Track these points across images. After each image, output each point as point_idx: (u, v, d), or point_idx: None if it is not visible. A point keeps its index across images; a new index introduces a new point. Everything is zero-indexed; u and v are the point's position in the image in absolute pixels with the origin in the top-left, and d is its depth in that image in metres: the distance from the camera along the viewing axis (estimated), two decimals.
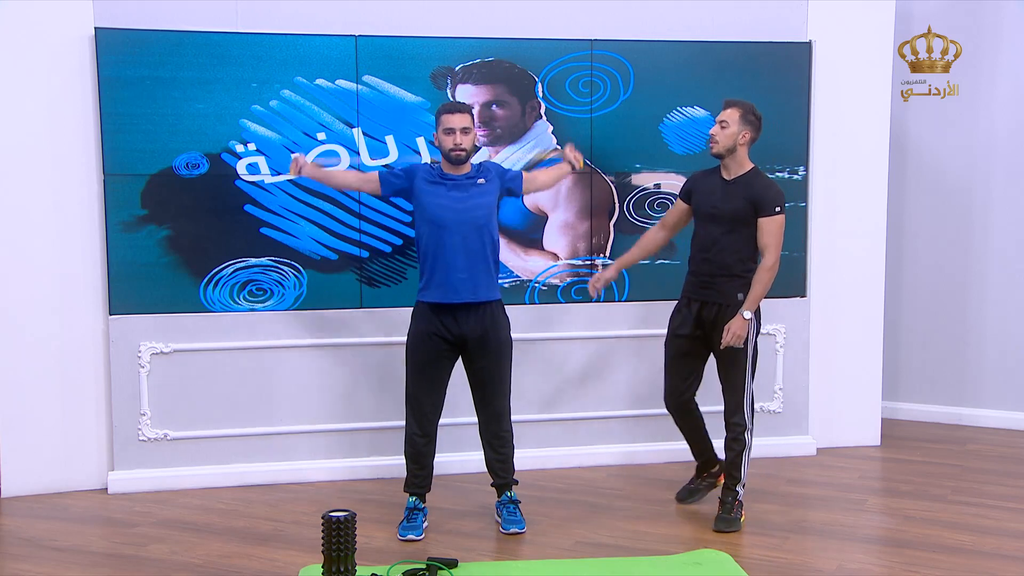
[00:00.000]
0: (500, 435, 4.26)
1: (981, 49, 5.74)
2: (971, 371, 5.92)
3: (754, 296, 4.11)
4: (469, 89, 4.87)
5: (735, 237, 4.14)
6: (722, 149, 4.14)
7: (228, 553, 4.01)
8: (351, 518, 3.12)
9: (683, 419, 4.42)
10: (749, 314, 4.11)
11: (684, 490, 4.53)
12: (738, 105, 4.15)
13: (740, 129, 4.11)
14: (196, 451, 4.80)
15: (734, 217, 4.13)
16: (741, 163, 4.17)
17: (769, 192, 4.12)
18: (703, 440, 4.45)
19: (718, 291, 4.18)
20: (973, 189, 5.83)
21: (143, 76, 4.57)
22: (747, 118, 4.12)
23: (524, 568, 3.85)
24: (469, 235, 4.09)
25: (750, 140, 4.15)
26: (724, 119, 4.13)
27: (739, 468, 4.23)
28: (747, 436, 4.22)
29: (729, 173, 4.18)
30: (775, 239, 4.11)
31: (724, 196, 4.16)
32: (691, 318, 4.26)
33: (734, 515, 4.23)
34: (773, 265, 4.10)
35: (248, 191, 4.74)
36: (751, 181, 4.14)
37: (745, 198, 4.11)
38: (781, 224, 4.12)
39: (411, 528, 4.15)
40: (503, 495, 4.30)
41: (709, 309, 4.21)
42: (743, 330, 4.10)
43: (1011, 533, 4.23)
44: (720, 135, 4.13)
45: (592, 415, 5.14)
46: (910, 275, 5.98)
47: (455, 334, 4.14)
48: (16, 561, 3.95)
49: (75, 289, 4.65)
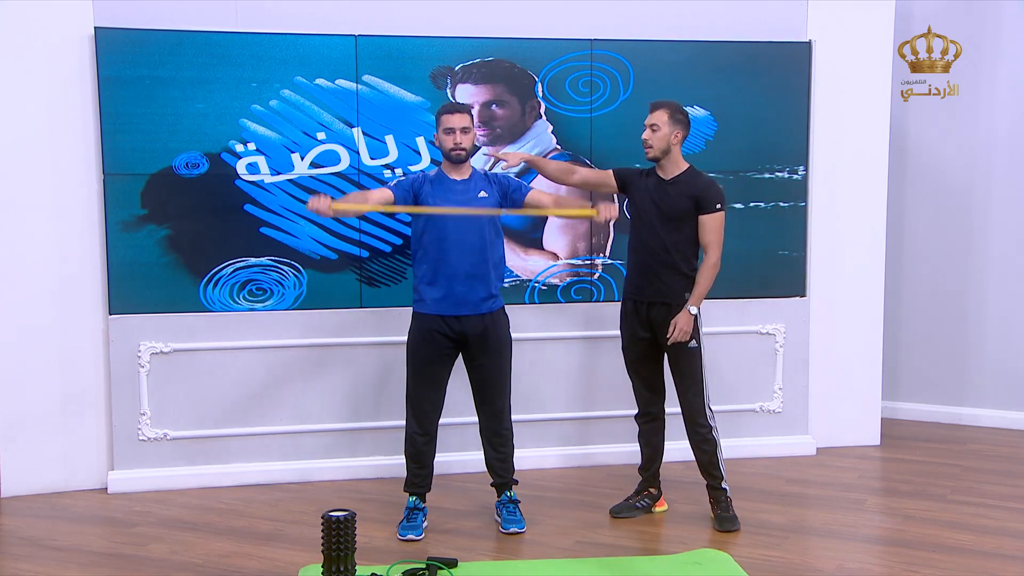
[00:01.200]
0: (500, 434, 4.27)
1: (981, 49, 5.74)
2: (971, 371, 5.92)
3: (699, 292, 4.16)
4: (469, 89, 4.87)
5: (678, 236, 4.18)
6: (658, 152, 4.17)
7: (228, 553, 4.01)
8: (351, 518, 3.12)
9: (650, 429, 4.42)
10: (695, 309, 4.16)
11: (623, 504, 4.46)
12: (664, 106, 4.17)
13: (671, 130, 4.14)
14: (196, 451, 4.80)
15: (677, 216, 4.16)
16: (677, 162, 4.20)
17: (710, 190, 4.16)
18: (658, 458, 4.45)
19: (665, 290, 4.20)
20: (973, 189, 5.84)
21: (143, 76, 4.57)
22: (676, 117, 4.15)
23: (524, 568, 3.85)
24: (472, 240, 4.09)
25: (682, 138, 4.19)
26: (654, 122, 4.16)
27: (717, 467, 4.26)
28: (715, 435, 4.26)
29: (666, 173, 4.20)
30: (717, 235, 4.16)
31: (665, 195, 4.18)
32: (641, 321, 4.28)
33: (732, 512, 4.26)
34: (716, 261, 4.16)
35: (248, 191, 4.74)
36: (692, 180, 4.18)
37: (687, 196, 4.15)
38: (722, 220, 4.18)
39: (411, 528, 4.15)
40: (503, 495, 4.30)
41: (658, 309, 4.23)
42: (689, 325, 4.14)
43: (1011, 533, 4.23)
44: (653, 139, 4.16)
45: (592, 415, 5.15)
46: (910, 275, 5.98)
47: (456, 332, 4.14)
48: (16, 561, 3.95)
49: (75, 289, 4.65)
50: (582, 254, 5.06)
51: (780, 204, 5.17)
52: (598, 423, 5.15)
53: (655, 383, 4.40)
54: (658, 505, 4.48)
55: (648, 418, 4.43)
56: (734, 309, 5.16)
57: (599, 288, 5.07)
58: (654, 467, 4.46)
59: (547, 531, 4.23)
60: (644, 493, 4.47)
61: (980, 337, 5.88)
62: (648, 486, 4.47)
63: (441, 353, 4.18)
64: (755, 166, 5.13)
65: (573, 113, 4.96)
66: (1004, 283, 5.82)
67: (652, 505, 4.47)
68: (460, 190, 4.13)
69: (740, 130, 5.08)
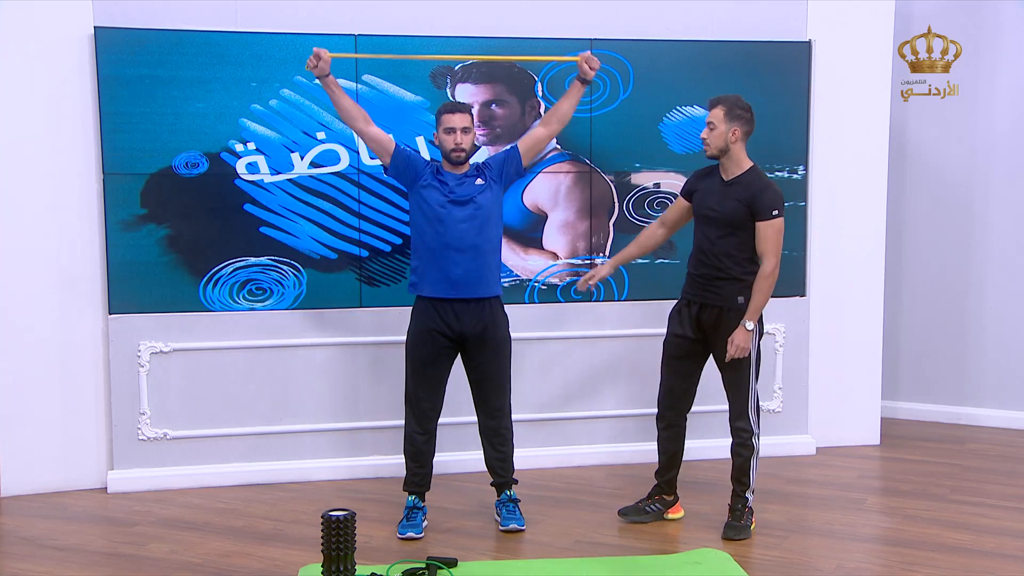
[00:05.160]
0: (500, 433, 4.27)
1: (981, 49, 5.74)
2: (971, 371, 5.92)
3: (755, 306, 4.00)
4: (469, 88, 4.87)
5: (731, 240, 4.03)
6: (714, 151, 4.02)
7: (228, 552, 4.01)
8: (351, 517, 3.12)
9: (669, 436, 4.31)
10: (752, 324, 4.01)
11: (632, 507, 4.35)
12: (722, 102, 4.01)
13: (729, 127, 3.97)
14: (196, 450, 4.80)
15: (730, 221, 4.01)
16: (738, 162, 4.04)
17: (766, 195, 3.97)
18: (676, 465, 4.34)
19: (717, 294, 4.08)
20: (973, 189, 5.84)
21: (142, 75, 4.57)
22: (734, 113, 3.98)
23: (524, 567, 3.85)
24: (469, 230, 4.09)
25: (743, 135, 4.01)
26: (710, 120, 4.01)
27: (748, 474, 4.15)
28: (755, 441, 4.14)
29: (727, 173, 4.06)
30: (773, 244, 3.98)
31: (720, 198, 4.05)
32: (690, 320, 4.17)
33: (744, 522, 4.16)
34: (772, 271, 3.98)
35: (247, 190, 4.74)
36: (749, 183, 4.01)
37: (741, 201, 3.99)
38: (779, 228, 3.99)
39: (411, 527, 4.15)
40: (503, 494, 4.30)
41: (709, 312, 4.11)
42: (747, 342, 4.01)
43: (1011, 532, 4.23)
44: (710, 137, 4.02)
45: (592, 415, 5.14)
46: (910, 275, 5.98)
47: (455, 331, 4.14)
48: (16, 560, 3.95)
49: (75, 288, 4.65)
50: (582, 254, 5.06)
51: None
52: (598, 423, 5.15)
53: (685, 387, 4.24)
54: (672, 511, 4.37)
55: (667, 424, 4.29)
56: None
57: (599, 288, 5.06)
58: (669, 474, 4.34)
59: (547, 531, 4.23)
60: (656, 498, 4.36)
61: (980, 337, 5.88)
62: (661, 492, 4.36)
63: (440, 352, 4.18)
64: None
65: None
66: (1004, 283, 5.82)
67: (664, 511, 4.35)
68: (457, 184, 4.14)
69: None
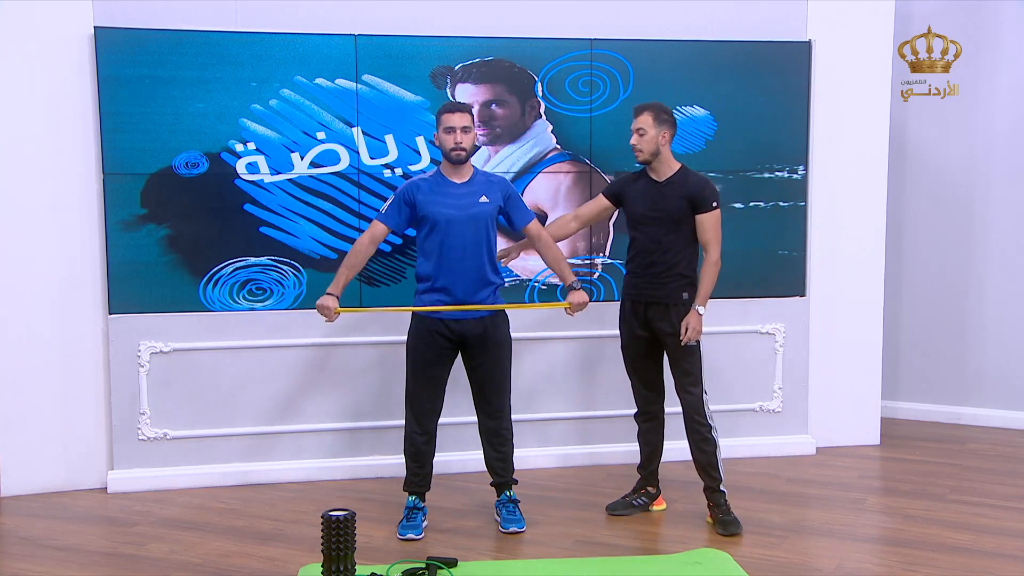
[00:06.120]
0: (500, 433, 4.27)
1: (981, 49, 5.74)
2: (971, 371, 5.92)
3: (704, 292, 4.19)
4: (469, 88, 4.87)
5: (676, 236, 4.20)
6: (647, 155, 4.18)
7: (228, 552, 4.01)
8: (351, 517, 3.12)
9: (650, 428, 4.44)
10: (703, 309, 4.18)
11: (620, 502, 4.48)
12: (647, 109, 4.18)
13: (658, 131, 4.15)
14: (196, 450, 4.80)
15: (674, 218, 4.18)
16: (668, 163, 4.21)
17: (705, 189, 4.17)
18: (656, 457, 4.47)
19: (664, 291, 4.23)
20: (973, 189, 5.84)
21: (142, 75, 4.57)
22: (661, 118, 4.16)
23: (524, 568, 3.85)
24: (470, 238, 4.09)
25: (671, 138, 4.20)
26: (639, 126, 4.17)
27: (716, 468, 4.26)
28: (714, 435, 4.26)
29: (659, 175, 4.22)
30: (715, 233, 4.18)
31: (660, 198, 4.20)
32: (640, 320, 4.31)
33: (732, 515, 4.24)
34: (718, 259, 4.19)
35: (247, 190, 4.74)
36: (685, 180, 4.19)
37: (682, 197, 4.17)
38: (719, 218, 4.20)
39: (411, 527, 4.15)
40: (503, 494, 4.30)
41: (654, 310, 4.26)
42: (700, 325, 4.18)
43: (1011, 532, 4.23)
44: (641, 143, 4.17)
45: (592, 414, 5.15)
46: (910, 275, 5.98)
47: (455, 332, 4.14)
48: (16, 560, 3.95)
49: (75, 288, 4.65)
50: (581, 253, 5.06)
51: (780, 204, 5.18)
52: (598, 423, 5.15)
53: (654, 382, 4.41)
54: (656, 504, 4.49)
55: (647, 417, 4.44)
56: (734, 309, 5.15)
57: (599, 287, 5.07)
58: (652, 466, 4.47)
59: (547, 531, 4.23)
60: (641, 491, 4.48)
61: (980, 337, 5.88)
62: (646, 484, 4.48)
63: (441, 353, 4.18)
64: (755, 166, 5.13)
65: (573, 113, 4.96)
66: (1004, 283, 5.82)
67: (649, 504, 4.47)
68: (460, 195, 4.13)
69: (740, 130, 5.08)
